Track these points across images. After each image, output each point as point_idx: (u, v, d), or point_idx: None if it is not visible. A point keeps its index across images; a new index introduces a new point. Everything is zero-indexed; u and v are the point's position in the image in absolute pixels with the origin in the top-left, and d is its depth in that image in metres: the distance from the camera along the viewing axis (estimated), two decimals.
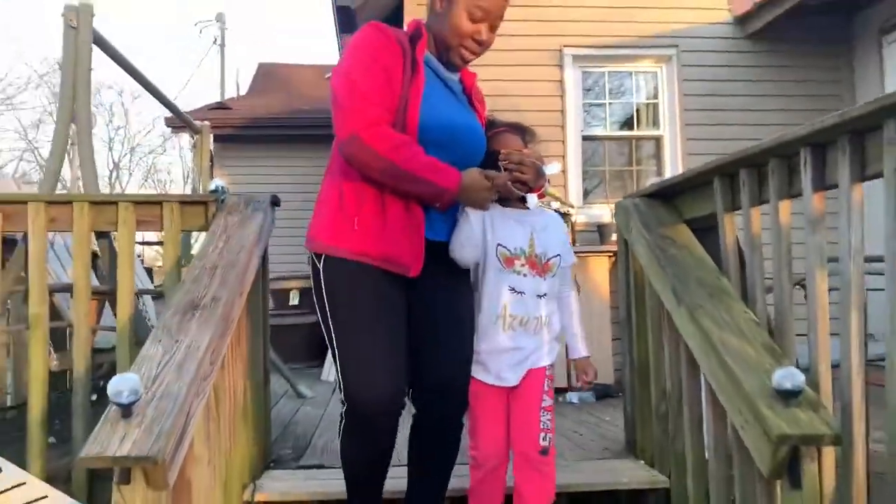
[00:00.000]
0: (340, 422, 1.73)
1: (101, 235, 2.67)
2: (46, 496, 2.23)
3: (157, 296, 4.31)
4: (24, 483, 2.25)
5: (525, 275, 1.82)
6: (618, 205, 2.50)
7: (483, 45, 1.74)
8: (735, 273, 1.95)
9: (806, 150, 1.62)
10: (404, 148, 1.62)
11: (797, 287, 1.92)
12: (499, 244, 1.81)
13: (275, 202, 2.42)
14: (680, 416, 2.09)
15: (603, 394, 4.01)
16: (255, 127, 8.32)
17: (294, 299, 5.69)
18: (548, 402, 1.83)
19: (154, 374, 1.52)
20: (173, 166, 28.96)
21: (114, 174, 26.11)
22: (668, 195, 2.35)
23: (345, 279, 1.68)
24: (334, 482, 2.03)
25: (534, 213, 1.87)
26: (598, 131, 5.21)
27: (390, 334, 1.68)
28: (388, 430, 1.70)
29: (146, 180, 27.01)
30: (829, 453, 1.57)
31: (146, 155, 26.90)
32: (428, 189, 1.65)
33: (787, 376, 1.48)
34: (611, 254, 4.24)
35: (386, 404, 1.65)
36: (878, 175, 1.45)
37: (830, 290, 1.64)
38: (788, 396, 1.49)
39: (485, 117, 1.92)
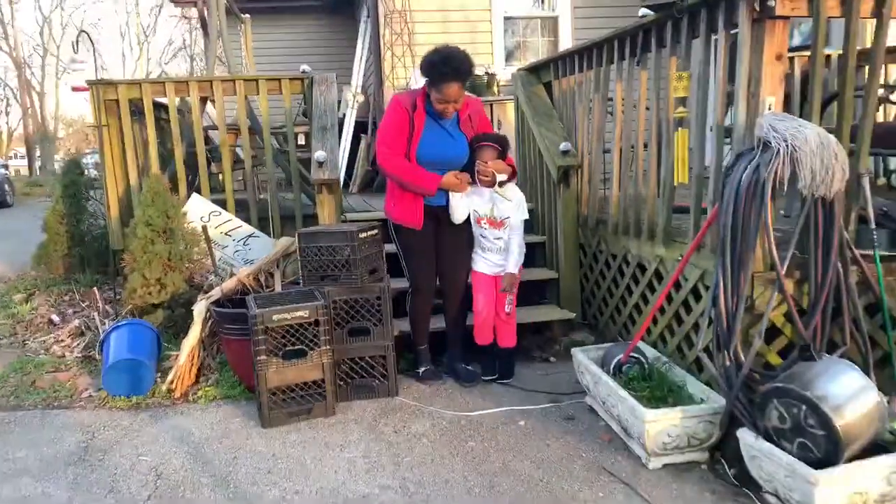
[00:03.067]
0: (408, 295, 3.63)
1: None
2: (241, 225, 4.47)
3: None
4: (231, 220, 4.49)
5: (486, 228, 3.43)
6: (513, 75, 4.85)
7: (448, 108, 3.23)
8: (559, 110, 4.38)
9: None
10: (397, 168, 3.30)
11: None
12: (474, 209, 3.43)
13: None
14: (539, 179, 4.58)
15: None
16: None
17: None
18: (509, 299, 3.49)
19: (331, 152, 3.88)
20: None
21: None
22: (535, 69, 4.71)
23: (401, 232, 3.48)
24: None
25: (501, 190, 3.34)
26: (514, 13, 7.34)
27: (425, 257, 3.49)
28: (427, 299, 3.58)
29: None
30: (578, 174, 4.08)
31: None
32: (417, 189, 3.31)
33: (565, 145, 3.97)
34: None
35: (425, 287, 3.55)
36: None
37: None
38: (565, 152, 3.98)
39: (476, 126, 3.41)
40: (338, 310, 3.38)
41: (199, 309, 3.67)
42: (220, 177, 5.34)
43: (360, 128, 7.17)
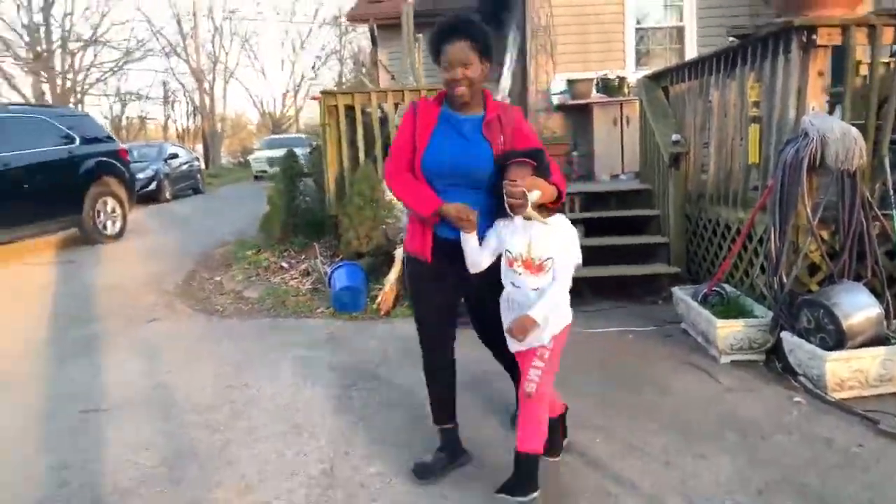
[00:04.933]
0: None
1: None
2: None
3: None
4: None
5: (519, 273, 2.26)
6: (637, 81, 5.98)
7: (460, 83, 2.31)
8: (673, 108, 5.48)
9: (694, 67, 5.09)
10: (397, 185, 2.44)
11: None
12: (507, 250, 2.29)
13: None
14: (658, 162, 5.70)
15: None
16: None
17: None
18: (535, 372, 2.31)
19: None
20: None
21: None
22: (656, 76, 5.82)
23: (408, 263, 2.65)
24: None
25: (536, 223, 2.22)
26: (644, 24, 8.38)
27: (432, 304, 2.57)
28: (434, 360, 2.67)
29: None
30: (686, 160, 5.18)
31: None
32: (415, 213, 2.43)
33: (676, 136, 5.09)
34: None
35: (427, 343, 2.64)
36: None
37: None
38: (676, 142, 5.10)
39: (509, 137, 2.35)
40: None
41: (399, 254, 5.15)
42: None
43: None
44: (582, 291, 5.16)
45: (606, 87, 7.78)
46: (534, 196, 2.16)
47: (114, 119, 32.08)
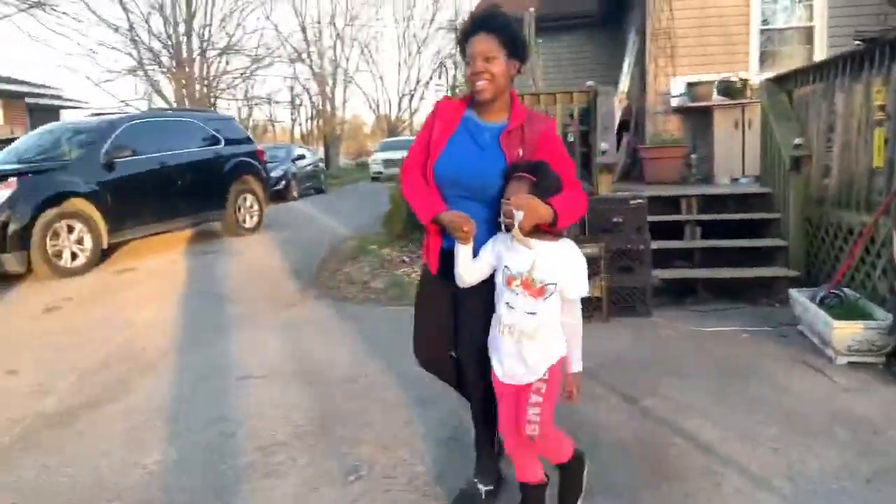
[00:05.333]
0: None
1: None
2: None
3: None
4: None
5: (518, 294, 2.06)
6: (760, 83, 5.94)
7: (480, 76, 2.17)
8: (796, 111, 5.43)
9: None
10: (406, 188, 2.34)
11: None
12: (506, 266, 2.09)
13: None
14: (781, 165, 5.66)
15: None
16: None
17: None
18: (533, 410, 2.09)
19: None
20: None
21: None
22: (779, 79, 5.77)
23: (421, 272, 2.54)
24: None
25: (543, 244, 2.05)
26: (771, 24, 8.19)
27: (429, 317, 2.47)
28: (442, 377, 2.56)
29: None
30: (809, 163, 5.12)
31: None
32: (419, 217, 2.27)
33: (798, 140, 5.06)
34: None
35: (422, 359, 2.54)
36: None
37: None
38: (797, 146, 5.07)
39: (531, 149, 2.19)
40: (612, 253, 4.91)
41: None
42: None
43: (623, 127, 8.58)
44: (697, 291, 5.24)
45: (728, 89, 7.70)
46: (518, 217, 1.97)
47: (242, 122, 34.52)
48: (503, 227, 2.07)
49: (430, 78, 41.74)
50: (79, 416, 3.52)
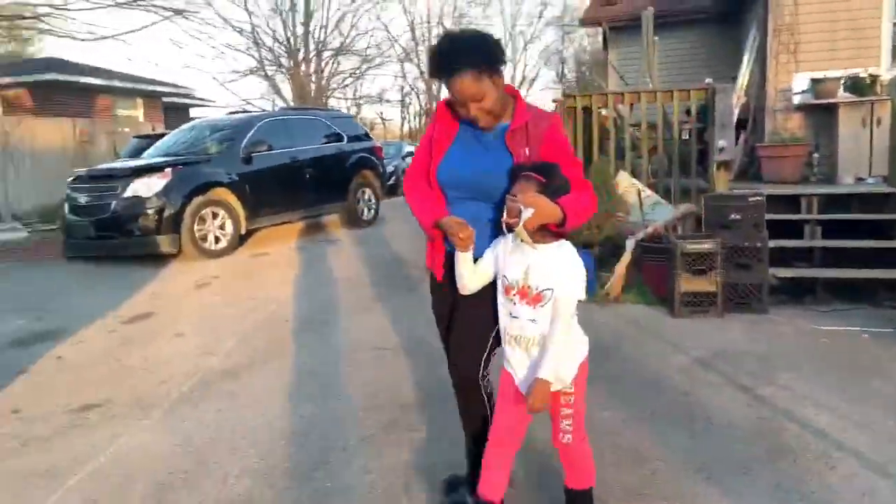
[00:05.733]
0: None
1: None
2: (651, 195, 6.31)
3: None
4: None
5: (515, 303, 2.03)
6: (891, 80, 5.77)
7: (477, 117, 2.09)
8: None
9: None
10: (408, 194, 2.30)
11: None
12: (504, 275, 2.05)
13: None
14: None
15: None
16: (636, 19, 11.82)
17: None
18: (566, 422, 2.10)
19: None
20: None
21: None
22: None
23: (430, 281, 2.44)
24: None
25: (540, 248, 1.98)
26: None
27: (444, 326, 2.39)
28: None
29: None
30: None
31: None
32: (419, 223, 2.23)
33: None
34: None
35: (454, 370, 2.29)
36: None
37: None
38: None
39: (538, 149, 2.10)
40: (728, 249, 4.97)
41: (629, 244, 5.59)
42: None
43: (740, 124, 8.45)
44: (816, 291, 5.20)
45: (855, 85, 7.43)
46: (526, 214, 1.91)
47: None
48: (504, 227, 2.00)
49: (537, 74, 41.84)
50: (242, 373, 4.05)
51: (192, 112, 25.59)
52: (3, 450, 3.19)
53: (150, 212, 7.46)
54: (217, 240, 7.96)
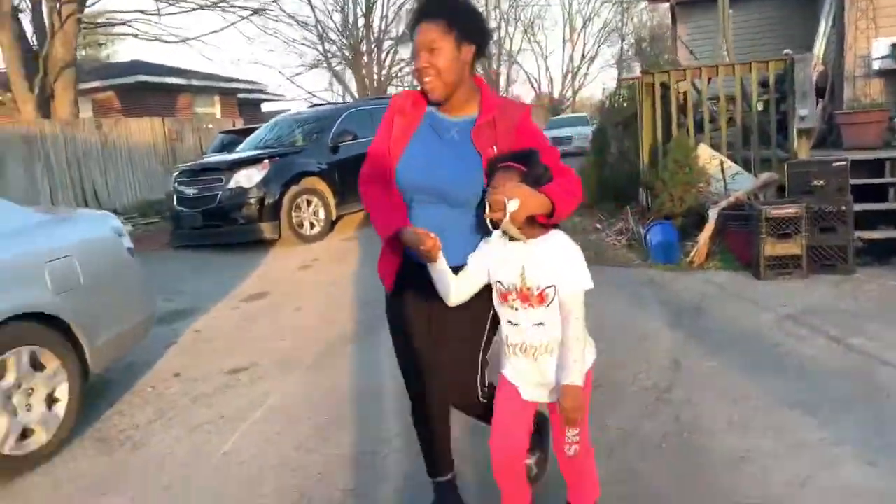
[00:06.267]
0: None
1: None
2: (731, 165, 6.48)
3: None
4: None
5: (517, 308, 1.85)
6: None
7: (425, 71, 1.90)
8: None
9: None
10: (365, 198, 2.09)
11: None
12: (497, 280, 1.88)
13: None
14: None
15: None
16: None
17: None
18: (572, 431, 1.92)
19: None
20: None
21: None
22: None
23: (385, 296, 2.28)
24: None
25: (531, 244, 1.83)
26: None
27: (408, 343, 2.20)
28: (423, 410, 2.22)
29: None
30: None
31: None
32: (378, 232, 2.01)
33: None
34: None
35: (413, 392, 2.23)
36: None
37: None
38: None
39: (500, 144, 1.93)
40: (812, 213, 5.14)
41: (712, 213, 5.81)
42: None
43: (818, 93, 8.45)
44: None
45: None
46: (511, 206, 1.73)
47: None
48: (489, 223, 1.81)
49: (596, 53, 41.38)
50: (359, 339, 4.52)
51: (264, 107, 26.63)
52: (178, 405, 3.75)
53: (252, 201, 8.08)
54: (312, 225, 8.53)
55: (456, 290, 1.94)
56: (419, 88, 2.02)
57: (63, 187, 12.68)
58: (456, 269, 1.94)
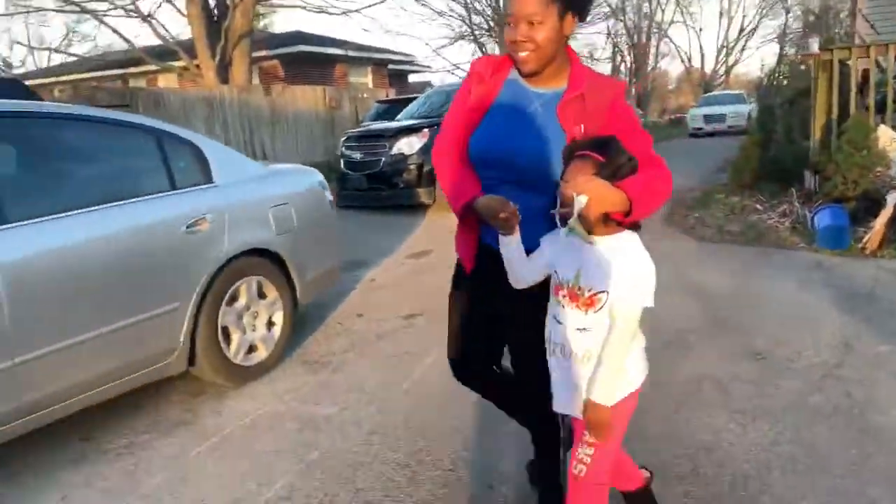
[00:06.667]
0: None
1: None
2: None
3: None
4: None
5: (564, 306, 1.71)
6: None
7: (522, 45, 1.72)
8: None
9: None
10: (437, 168, 1.95)
11: None
12: (554, 269, 1.75)
13: None
14: None
15: None
16: None
17: None
18: (585, 451, 1.72)
19: None
20: None
21: None
22: None
23: (456, 267, 2.16)
24: None
25: (597, 243, 1.65)
26: None
27: (463, 319, 2.12)
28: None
29: None
30: None
31: None
32: (450, 205, 1.87)
33: None
34: None
35: (456, 367, 2.20)
36: None
37: None
38: None
39: (597, 123, 1.74)
40: None
41: (891, 199, 5.55)
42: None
43: None
44: None
45: None
46: (580, 202, 1.56)
47: None
48: (557, 219, 1.65)
49: (757, 25, 38.79)
50: None
51: (410, 78, 27.48)
52: (366, 339, 4.24)
53: (412, 167, 8.60)
54: None
55: (521, 268, 1.81)
56: (505, 54, 1.84)
57: (238, 147, 13.96)
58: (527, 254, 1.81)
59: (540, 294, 1.81)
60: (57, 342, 2.65)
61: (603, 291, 1.64)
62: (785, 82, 8.40)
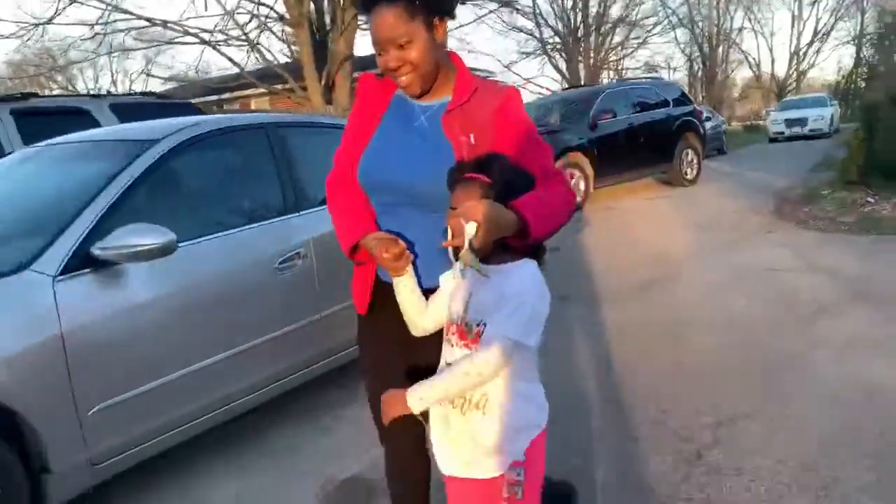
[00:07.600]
0: None
1: None
2: None
3: None
4: None
5: (453, 344, 1.46)
6: None
7: (399, 70, 1.55)
8: None
9: None
10: (329, 199, 1.73)
11: None
12: (449, 305, 1.51)
13: None
14: None
15: None
16: None
17: None
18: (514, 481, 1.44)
19: None
20: None
21: None
22: None
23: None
24: None
25: (494, 274, 1.42)
26: None
27: (378, 374, 1.78)
28: (396, 461, 1.81)
29: None
30: None
31: None
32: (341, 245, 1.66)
33: None
34: None
35: (387, 435, 1.76)
36: None
37: None
38: None
39: (477, 133, 1.58)
40: None
41: None
42: None
43: None
44: None
45: None
46: (469, 230, 1.37)
47: None
48: (451, 253, 1.43)
49: (831, 28, 38.02)
50: (658, 284, 5.33)
51: None
52: None
53: None
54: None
55: (418, 313, 1.58)
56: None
57: None
58: (428, 293, 1.60)
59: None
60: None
61: (484, 323, 1.41)
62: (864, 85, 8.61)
